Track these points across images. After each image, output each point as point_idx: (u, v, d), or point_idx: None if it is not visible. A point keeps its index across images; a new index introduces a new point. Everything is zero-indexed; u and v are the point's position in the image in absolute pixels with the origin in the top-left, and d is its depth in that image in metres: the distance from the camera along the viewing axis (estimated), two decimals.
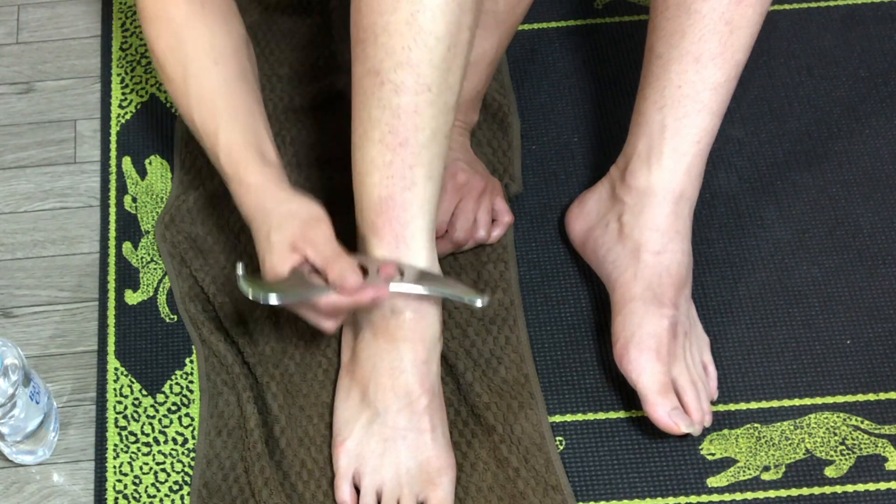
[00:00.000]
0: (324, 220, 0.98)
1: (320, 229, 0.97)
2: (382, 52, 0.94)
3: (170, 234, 1.19)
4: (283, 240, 0.97)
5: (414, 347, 1.01)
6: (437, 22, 0.92)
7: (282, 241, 0.97)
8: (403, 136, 0.95)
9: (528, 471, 1.05)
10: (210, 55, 1.05)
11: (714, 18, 1.01)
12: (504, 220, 1.17)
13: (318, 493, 1.05)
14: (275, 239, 0.97)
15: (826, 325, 1.13)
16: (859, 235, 1.18)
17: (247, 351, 1.12)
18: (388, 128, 0.95)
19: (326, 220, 0.98)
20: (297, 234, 0.97)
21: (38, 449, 1.09)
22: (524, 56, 1.31)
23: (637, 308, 1.05)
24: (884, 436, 1.08)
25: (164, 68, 1.07)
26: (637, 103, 1.08)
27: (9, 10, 1.38)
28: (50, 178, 1.26)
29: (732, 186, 1.21)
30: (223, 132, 1.03)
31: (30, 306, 1.18)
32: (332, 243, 0.96)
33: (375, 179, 0.97)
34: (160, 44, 1.06)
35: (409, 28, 0.92)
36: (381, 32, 0.93)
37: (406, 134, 0.95)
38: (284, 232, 0.97)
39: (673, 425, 1.02)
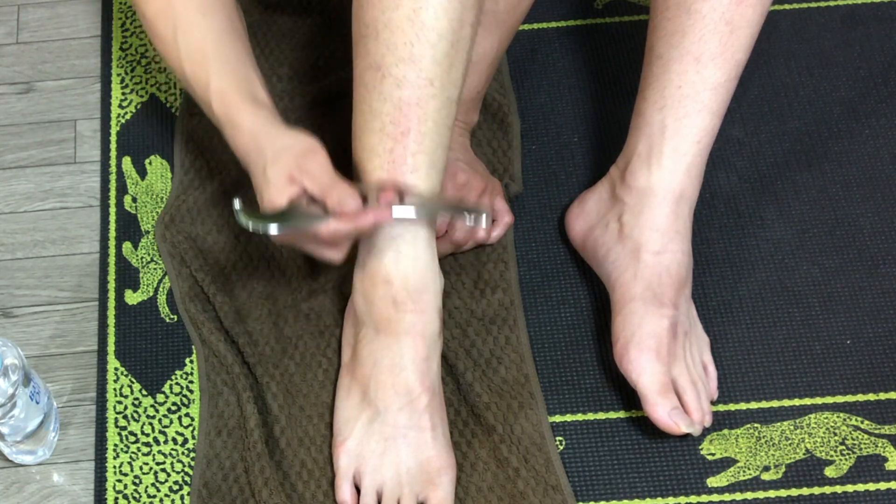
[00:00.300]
0: (319, 150, 0.97)
1: (317, 159, 0.96)
2: (384, 48, 0.94)
3: (170, 234, 1.19)
4: (279, 173, 0.96)
5: (415, 343, 1.01)
6: (440, 18, 0.92)
7: (278, 174, 0.96)
8: (405, 126, 0.95)
9: (528, 471, 1.05)
10: (199, 10, 1.05)
11: (714, 18, 1.01)
12: (504, 220, 1.17)
13: (318, 493, 1.05)
14: (271, 173, 0.96)
15: (826, 325, 1.13)
16: (859, 235, 1.18)
17: (247, 351, 1.12)
18: (390, 118, 0.95)
19: (322, 151, 0.97)
20: (293, 165, 0.96)
21: (38, 449, 1.09)
22: (524, 56, 1.31)
23: (637, 308, 1.05)
24: (884, 436, 1.08)
25: (155, 30, 1.07)
26: (637, 103, 1.08)
27: (9, 10, 1.38)
28: (50, 178, 1.26)
29: (732, 186, 1.21)
30: (214, 79, 1.03)
31: (30, 306, 1.18)
32: (330, 172, 0.96)
33: (375, 164, 0.97)
34: (151, 8, 1.07)
35: (412, 24, 0.92)
36: (382, 28, 0.93)
37: (408, 124, 0.95)
38: (280, 165, 0.96)
39: (673, 425, 1.02)
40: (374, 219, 0.95)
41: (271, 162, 0.97)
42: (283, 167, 0.96)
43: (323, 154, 0.97)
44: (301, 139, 0.98)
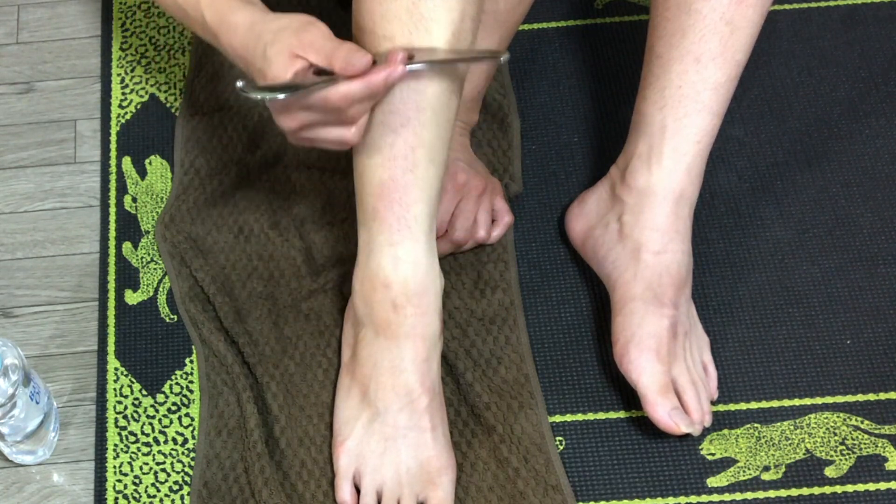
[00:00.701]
0: (317, 22, 0.93)
1: (317, 30, 0.92)
2: (381, 38, 0.93)
3: (170, 234, 1.19)
4: (280, 51, 0.91)
5: (415, 345, 1.01)
6: (439, 9, 0.92)
7: (280, 53, 0.91)
8: (405, 115, 0.94)
9: (528, 471, 1.05)
10: None
11: (714, 18, 1.01)
12: (504, 220, 1.17)
13: (318, 493, 1.05)
14: (271, 52, 0.92)
15: (826, 325, 1.13)
16: (859, 235, 1.18)
17: (247, 351, 1.12)
18: (389, 108, 0.95)
19: (321, 23, 0.93)
20: (294, 41, 0.91)
21: (38, 449, 1.09)
22: (524, 56, 1.31)
23: (637, 308, 1.05)
24: (884, 436, 1.08)
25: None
26: (637, 103, 1.08)
27: (9, 10, 1.38)
28: (50, 178, 1.26)
29: (732, 186, 1.21)
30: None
31: (30, 306, 1.18)
32: (332, 38, 0.91)
33: (377, 161, 0.97)
34: None
35: (410, 16, 0.92)
36: (379, 19, 0.93)
37: (407, 113, 0.94)
38: (281, 43, 0.92)
39: (673, 425, 1.02)
40: (387, 75, 0.89)
41: (270, 43, 0.92)
42: (283, 45, 0.92)
43: (322, 25, 0.92)
44: (297, 16, 0.94)
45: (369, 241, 1.00)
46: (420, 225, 0.98)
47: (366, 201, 0.99)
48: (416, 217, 0.98)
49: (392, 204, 0.97)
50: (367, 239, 1.01)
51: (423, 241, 0.99)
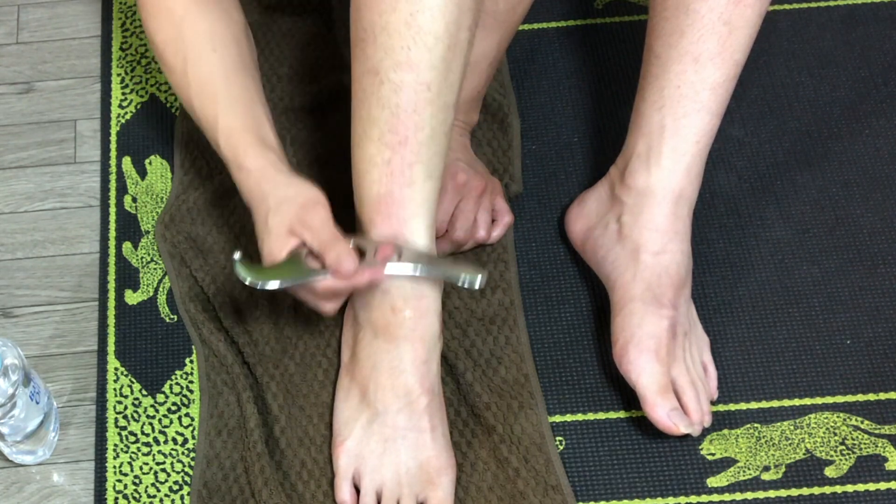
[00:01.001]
0: (322, 203, 0.98)
1: (318, 213, 0.97)
2: (382, 52, 0.94)
3: (170, 234, 1.19)
4: (280, 223, 0.97)
5: (414, 347, 1.01)
6: (437, 21, 0.92)
7: (279, 225, 0.97)
8: (403, 134, 0.95)
9: (528, 471, 1.05)
10: (209, 43, 1.06)
11: (713, 19, 1.01)
12: (504, 220, 1.17)
13: (318, 493, 1.05)
14: (272, 223, 0.97)
15: (826, 325, 1.13)
16: (859, 235, 1.18)
17: (247, 351, 1.12)
18: (388, 126, 0.95)
19: (324, 204, 0.98)
20: (294, 217, 0.97)
21: (38, 449, 1.09)
22: (524, 56, 1.31)
23: (636, 308, 1.05)
24: (884, 436, 1.08)
25: (164, 59, 1.07)
26: (636, 103, 1.08)
27: (9, 10, 1.38)
28: (50, 178, 1.26)
29: (732, 186, 1.21)
30: (222, 117, 1.03)
31: (30, 306, 1.18)
32: (330, 227, 0.97)
33: (374, 176, 0.97)
34: (160, 36, 1.07)
35: (409, 28, 0.92)
36: (380, 32, 0.93)
37: (405, 132, 0.95)
38: (282, 216, 0.97)
39: (672, 426, 1.02)
40: (370, 277, 0.96)
41: (273, 211, 0.98)
42: (284, 218, 0.97)
43: (325, 207, 0.98)
44: (304, 190, 0.99)
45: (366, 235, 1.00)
46: (417, 238, 0.99)
47: (363, 210, 0.99)
48: (413, 230, 0.98)
49: (389, 217, 0.97)
50: None
51: (421, 247, 0.99)
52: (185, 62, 1.05)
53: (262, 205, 0.99)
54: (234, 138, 1.03)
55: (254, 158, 1.01)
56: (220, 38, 1.06)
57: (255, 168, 1.01)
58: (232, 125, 1.03)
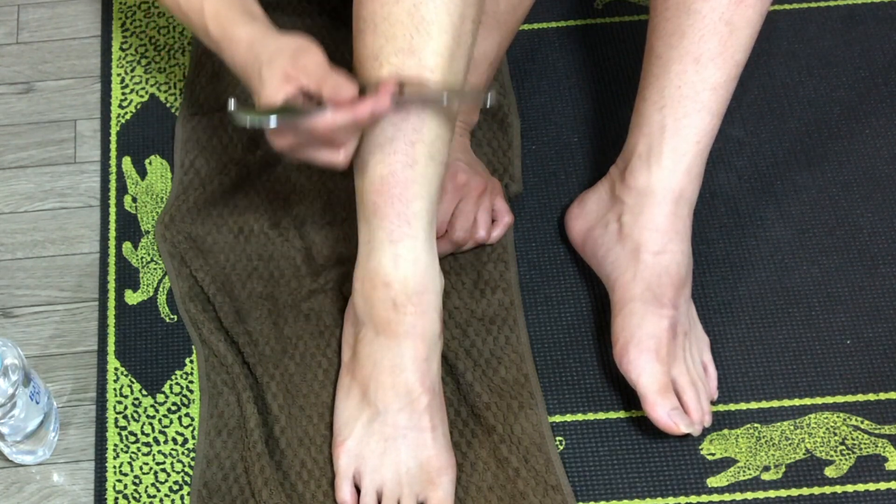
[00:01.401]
0: (314, 47, 0.95)
1: (311, 55, 0.94)
2: (382, 39, 0.93)
3: (170, 234, 1.19)
4: (274, 73, 0.94)
5: (415, 344, 1.01)
6: (440, 13, 0.92)
7: (273, 74, 0.94)
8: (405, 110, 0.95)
9: (528, 471, 1.05)
10: None
11: (714, 19, 1.01)
12: (504, 220, 1.17)
13: (318, 493, 1.05)
14: (266, 74, 0.95)
15: (826, 325, 1.13)
16: (859, 235, 1.18)
17: (247, 351, 1.12)
18: None
19: (317, 48, 0.95)
20: (288, 64, 0.94)
21: (38, 449, 1.09)
22: (524, 56, 1.31)
23: (637, 308, 1.05)
24: (884, 436, 1.08)
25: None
26: (637, 103, 1.08)
27: (9, 10, 1.38)
28: (50, 178, 1.26)
29: (732, 186, 1.21)
30: (207, 2, 1.02)
31: (30, 306, 1.18)
32: (325, 66, 0.94)
33: (377, 157, 0.97)
34: None
35: (411, 18, 0.92)
36: (381, 21, 0.93)
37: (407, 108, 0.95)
38: (275, 65, 0.95)
39: (673, 425, 1.02)
40: (373, 108, 0.92)
41: (266, 63, 0.95)
42: (278, 67, 0.94)
43: (318, 50, 0.95)
44: (295, 39, 0.96)
45: (370, 239, 1.00)
46: (420, 221, 0.98)
47: (366, 197, 0.99)
48: (416, 213, 0.98)
49: (392, 199, 0.97)
50: (367, 236, 1.01)
51: (423, 239, 0.99)
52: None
53: (255, 64, 0.96)
54: (220, 17, 1.01)
55: (243, 27, 0.99)
56: None
57: (245, 36, 0.99)
58: (217, 6, 1.01)
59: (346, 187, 1.20)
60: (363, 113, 0.92)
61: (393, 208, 0.97)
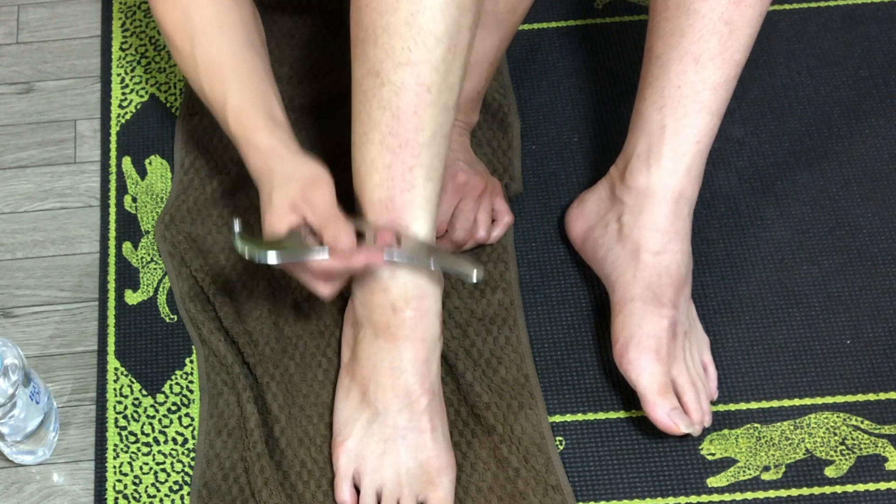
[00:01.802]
0: (326, 182, 0.98)
1: (321, 191, 0.97)
2: (382, 53, 0.94)
3: (170, 234, 1.19)
4: (283, 199, 0.97)
5: (414, 347, 1.01)
6: (437, 22, 0.92)
7: (282, 201, 0.97)
8: (403, 137, 0.95)
9: (528, 471, 1.05)
10: (216, 24, 1.06)
11: (713, 19, 1.01)
12: (504, 220, 1.17)
13: (318, 493, 1.05)
14: (276, 198, 0.98)
15: (826, 325, 1.13)
16: (859, 235, 1.18)
17: (247, 351, 1.12)
18: (388, 129, 0.95)
19: (329, 183, 0.98)
20: (297, 194, 0.97)
21: (38, 449, 1.09)
22: (524, 56, 1.31)
23: (637, 308, 1.05)
24: (884, 436, 1.08)
25: (173, 42, 1.08)
26: (636, 104, 1.08)
27: (9, 10, 1.38)
28: (50, 178, 1.26)
29: (732, 186, 1.21)
30: (231, 97, 1.03)
31: (30, 306, 1.18)
32: (332, 206, 0.96)
33: (376, 181, 0.97)
34: (168, 19, 1.07)
35: (409, 28, 0.92)
36: (381, 33, 0.93)
37: (406, 136, 0.95)
38: (285, 192, 0.97)
39: (672, 425, 1.02)
40: (366, 260, 0.96)
41: (277, 187, 0.98)
42: (287, 194, 0.97)
43: (329, 186, 0.97)
44: (310, 168, 0.99)
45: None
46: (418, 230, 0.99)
47: (365, 212, 0.99)
48: (415, 234, 0.98)
49: (391, 221, 0.97)
50: None
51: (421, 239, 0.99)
52: (193, 44, 1.06)
53: (268, 181, 0.99)
54: (243, 117, 1.03)
55: (263, 136, 1.01)
56: (227, 19, 1.06)
57: (265, 145, 1.01)
58: (241, 104, 1.03)
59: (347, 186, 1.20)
60: (357, 263, 0.96)
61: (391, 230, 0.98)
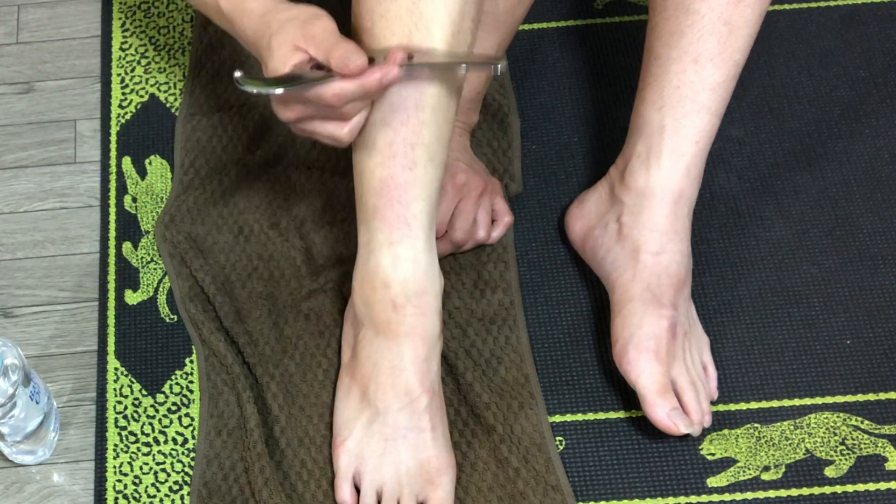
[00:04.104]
0: (325, 16, 0.94)
1: (321, 24, 0.93)
2: (381, 37, 0.93)
3: (170, 234, 1.19)
4: (283, 41, 0.93)
5: (414, 345, 1.01)
6: (439, 10, 0.92)
7: (282, 43, 0.93)
8: (404, 113, 0.94)
9: (528, 471, 1.05)
10: None
11: (713, 18, 1.01)
12: (504, 220, 1.17)
13: (318, 493, 1.05)
14: (275, 43, 0.93)
15: (826, 325, 1.13)
16: (859, 235, 1.18)
17: (247, 351, 1.12)
18: (389, 106, 0.95)
19: (328, 17, 0.94)
20: (297, 33, 0.93)
21: (38, 449, 1.09)
22: (524, 56, 1.31)
23: (636, 308, 1.05)
24: (884, 436, 1.08)
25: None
26: (636, 104, 1.08)
27: (9, 10, 1.38)
28: (50, 178, 1.26)
29: (732, 186, 1.21)
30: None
31: (30, 306, 1.18)
32: (335, 35, 0.92)
33: (377, 160, 0.97)
34: None
35: (410, 15, 0.92)
36: (379, 18, 0.93)
37: (407, 111, 0.94)
38: (285, 34, 0.93)
39: (672, 426, 1.02)
40: (381, 76, 0.90)
41: (276, 32, 0.94)
42: (287, 36, 0.93)
43: (328, 19, 0.93)
44: (307, 8, 0.95)
45: (369, 240, 1.00)
46: (419, 223, 0.98)
47: (365, 199, 0.99)
48: (416, 215, 0.98)
49: (392, 202, 0.97)
50: (366, 238, 1.01)
51: (423, 240, 0.99)
52: None
53: (266, 32, 0.95)
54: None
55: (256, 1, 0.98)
56: None
57: (258, 6, 0.97)
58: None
59: (346, 187, 1.21)
60: (372, 81, 0.90)
61: (392, 211, 0.97)
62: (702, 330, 1.11)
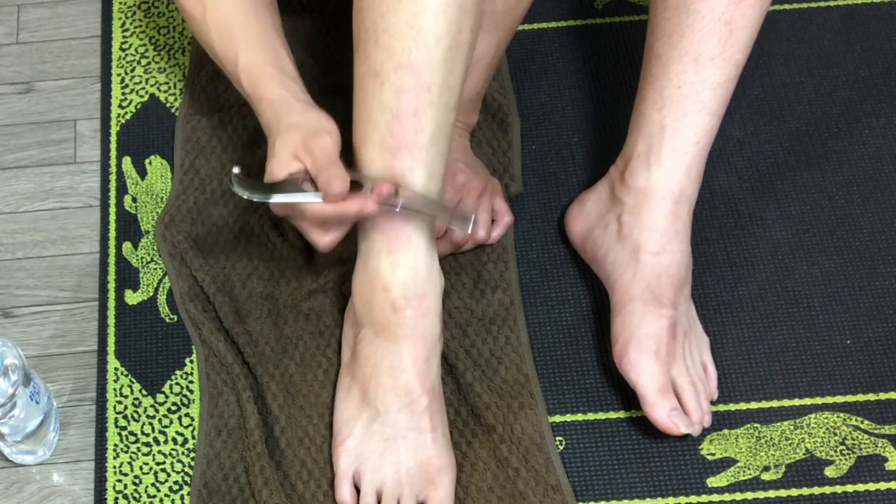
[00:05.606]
0: (329, 132, 0.98)
1: (323, 141, 0.97)
2: (383, 53, 0.94)
3: (170, 234, 1.19)
4: (285, 147, 0.98)
5: (414, 346, 1.01)
6: (438, 22, 0.93)
7: (284, 149, 0.98)
8: (403, 138, 0.95)
9: (528, 471, 1.05)
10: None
11: (713, 19, 1.01)
12: (504, 220, 1.17)
13: (318, 493, 1.05)
14: (278, 146, 0.98)
15: (826, 325, 1.13)
16: (859, 235, 1.18)
17: (247, 351, 1.12)
18: (388, 130, 0.95)
19: (332, 134, 0.98)
20: (299, 143, 0.97)
21: (38, 449, 1.09)
22: (524, 56, 1.31)
23: (636, 308, 1.05)
24: (884, 436, 1.08)
25: (185, 9, 1.09)
26: (636, 104, 1.08)
27: (9, 10, 1.38)
28: (50, 178, 1.26)
29: (732, 186, 1.21)
30: (242, 54, 1.05)
31: (30, 306, 1.18)
32: (331, 155, 0.97)
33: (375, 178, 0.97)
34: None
35: (410, 29, 0.93)
36: (381, 33, 0.94)
37: (406, 137, 0.95)
38: (288, 140, 0.98)
39: (672, 426, 1.02)
40: (359, 206, 0.96)
41: (281, 136, 0.99)
42: (290, 142, 0.98)
43: (332, 136, 0.98)
44: (315, 118, 1.00)
45: (368, 248, 1.01)
46: (420, 236, 0.99)
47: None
48: (416, 229, 0.98)
49: (391, 216, 0.98)
50: (365, 245, 1.01)
51: (423, 248, 0.99)
52: (204, 8, 1.07)
53: (275, 129, 1.00)
54: (254, 73, 1.04)
55: (274, 89, 1.02)
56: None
57: (276, 97, 1.02)
58: (252, 61, 1.04)
59: None
60: (350, 209, 0.96)
61: (392, 224, 0.98)
62: (702, 330, 1.11)
